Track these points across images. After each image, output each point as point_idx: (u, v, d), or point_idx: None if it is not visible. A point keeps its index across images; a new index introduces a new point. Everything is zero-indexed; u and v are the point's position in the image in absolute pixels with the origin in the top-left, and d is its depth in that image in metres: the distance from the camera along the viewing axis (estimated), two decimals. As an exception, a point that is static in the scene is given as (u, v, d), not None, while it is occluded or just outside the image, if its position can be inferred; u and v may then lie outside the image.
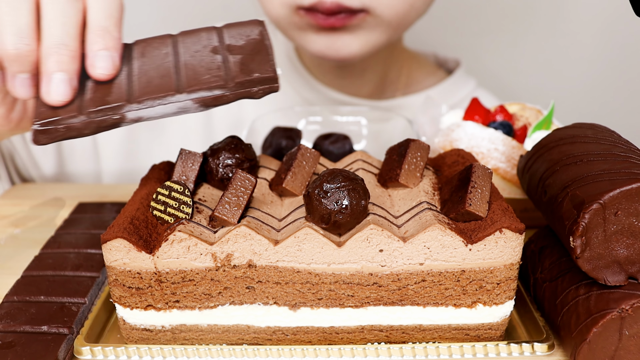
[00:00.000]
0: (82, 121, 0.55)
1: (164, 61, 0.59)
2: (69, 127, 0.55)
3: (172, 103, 0.56)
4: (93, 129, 0.56)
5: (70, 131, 0.56)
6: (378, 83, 1.12)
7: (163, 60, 0.59)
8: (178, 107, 0.56)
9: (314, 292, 0.56)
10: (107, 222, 0.79)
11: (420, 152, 0.63)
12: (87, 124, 0.56)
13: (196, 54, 0.60)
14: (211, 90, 0.56)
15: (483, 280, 0.56)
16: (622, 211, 0.52)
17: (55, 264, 0.68)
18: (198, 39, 0.62)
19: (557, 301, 0.57)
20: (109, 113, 0.56)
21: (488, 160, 0.78)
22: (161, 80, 0.57)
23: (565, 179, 0.57)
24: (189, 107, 0.56)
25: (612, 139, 0.61)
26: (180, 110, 0.56)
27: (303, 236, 0.54)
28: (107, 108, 0.55)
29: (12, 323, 0.59)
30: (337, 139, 0.84)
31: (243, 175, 0.57)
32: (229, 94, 0.57)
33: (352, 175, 0.55)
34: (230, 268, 0.56)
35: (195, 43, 0.61)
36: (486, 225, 0.55)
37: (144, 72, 0.58)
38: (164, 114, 0.57)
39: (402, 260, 0.55)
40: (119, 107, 0.56)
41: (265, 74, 0.57)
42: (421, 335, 0.59)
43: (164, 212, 0.57)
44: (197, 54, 0.60)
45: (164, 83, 0.57)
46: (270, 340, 0.59)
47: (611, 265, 0.53)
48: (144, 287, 0.56)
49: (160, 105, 0.56)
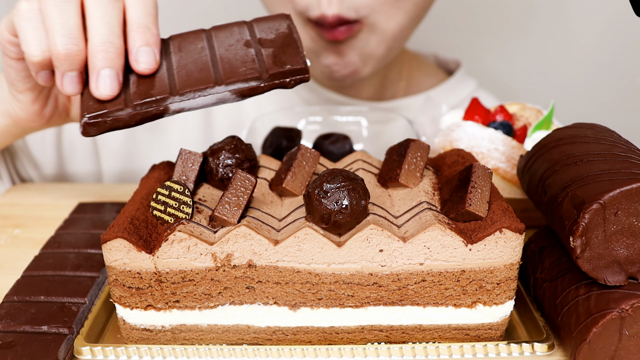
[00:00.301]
0: (128, 113, 0.59)
1: (201, 55, 0.63)
2: (116, 119, 0.59)
3: (211, 94, 0.60)
4: (138, 120, 0.60)
5: (117, 122, 0.59)
6: (378, 85, 1.12)
7: (200, 54, 0.63)
8: (217, 98, 0.60)
9: (314, 292, 0.57)
10: (107, 222, 0.79)
11: (420, 152, 0.63)
12: (132, 115, 0.59)
13: (230, 47, 0.64)
14: (247, 82, 0.60)
15: (483, 280, 0.56)
16: (622, 211, 0.52)
17: (55, 264, 0.68)
18: (231, 33, 0.65)
19: (557, 301, 0.57)
20: (154, 105, 0.59)
21: (488, 160, 0.78)
22: (200, 74, 0.61)
23: (565, 179, 0.57)
24: (227, 98, 0.61)
25: (612, 139, 0.61)
26: (218, 100, 0.61)
27: (303, 236, 0.54)
28: (151, 100, 0.59)
29: (12, 323, 0.59)
30: (337, 139, 0.84)
31: (243, 175, 0.57)
32: (263, 84, 0.61)
33: (352, 175, 0.55)
34: (230, 268, 0.56)
35: (228, 37, 0.65)
36: (486, 225, 0.55)
37: (183, 65, 0.62)
38: (204, 105, 0.60)
39: (402, 260, 0.55)
40: (162, 100, 0.60)
41: (297, 65, 0.61)
42: (421, 335, 0.59)
43: (164, 212, 0.57)
44: (232, 47, 0.63)
45: (203, 76, 0.61)
46: (270, 340, 0.59)
47: (611, 265, 0.53)
48: (144, 287, 0.56)
49: (201, 97, 0.60)
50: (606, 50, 1.51)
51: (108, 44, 0.60)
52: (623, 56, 1.51)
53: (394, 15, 0.93)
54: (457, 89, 1.14)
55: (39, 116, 0.74)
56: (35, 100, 0.73)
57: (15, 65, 0.68)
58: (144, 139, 1.10)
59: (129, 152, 1.10)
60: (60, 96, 0.76)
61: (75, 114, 0.78)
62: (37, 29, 0.61)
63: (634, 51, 1.49)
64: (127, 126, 0.60)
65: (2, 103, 0.76)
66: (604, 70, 1.53)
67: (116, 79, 0.60)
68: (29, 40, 0.61)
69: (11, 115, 0.76)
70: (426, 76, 1.17)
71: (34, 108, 0.74)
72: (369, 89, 1.11)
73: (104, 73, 0.59)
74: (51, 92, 0.75)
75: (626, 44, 1.49)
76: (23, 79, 0.70)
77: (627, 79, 1.53)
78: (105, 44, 0.60)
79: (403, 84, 1.14)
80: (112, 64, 0.60)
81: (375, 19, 0.92)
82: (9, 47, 0.66)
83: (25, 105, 0.73)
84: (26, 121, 0.76)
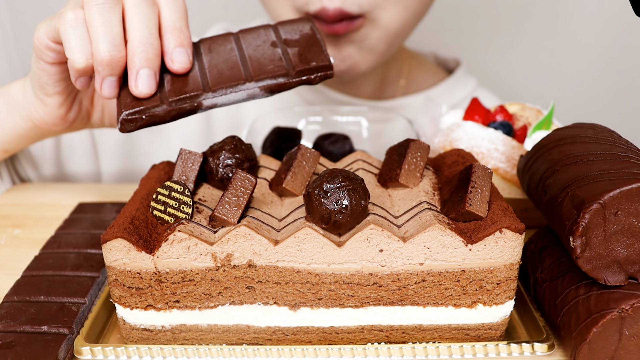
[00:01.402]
0: (164, 109, 0.62)
1: (231, 55, 0.67)
2: (152, 115, 0.62)
3: (242, 91, 0.64)
4: (173, 116, 0.63)
5: (153, 118, 0.63)
6: (378, 83, 1.12)
7: (229, 54, 0.67)
8: (247, 94, 0.64)
9: (314, 292, 0.57)
10: (107, 222, 0.79)
11: (420, 152, 0.63)
12: (168, 111, 0.63)
13: (258, 47, 0.67)
14: (276, 78, 0.64)
15: (483, 280, 0.56)
16: (622, 211, 0.52)
17: (55, 264, 0.68)
18: (257, 35, 0.69)
19: (557, 301, 0.57)
20: (188, 101, 0.63)
21: (488, 160, 0.78)
22: (231, 72, 0.65)
23: (565, 179, 0.57)
24: (256, 94, 0.64)
25: (612, 139, 0.61)
26: (248, 96, 0.64)
27: (303, 236, 0.54)
28: (186, 97, 0.63)
29: (12, 323, 0.59)
30: (337, 139, 0.84)
31: (243, 175, 0.57)
32: (291, 81, 0.65)
33: (352, 175, 0.55)
34: (230, 268, 0.56)
35: (255, 39, 0.69)
36: (486, 225, 0.55)
37: (214, 65, 0.66)
38: (234, 101, 0.64)
39: (402, 260, 0.55)
40: (196, 96, 0.63)
41: (321, 62, 0.65)
42: (421, 335, 0.59)
43: (164, 212, 0.57)
44: (259, 48, 0.67)
45: (234, 74, 0.64)
46: (270, 340, 0.59)
47: (611, 265, 0.53)
48: (144, 287, 0.56)
49: (232, 93, 0.63)
50: (606, 50, 1.51)
51: (148, 45, 0.63)
52: (623, 56, 1.51)
53: (396, 11, 0.92)
54: (458, 87, 1.14)
55: (63, 120, 0.77)
56: (62, 104, 0.75)
57: (49, 70, 0.71)
58: (144, 140, 1.10)
59: (129, 152, 1.10)
60: (84, 100, 0.79)
61: (96, 118, 0.81)
62: (82, 37, 0.64)
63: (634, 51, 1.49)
64: (162, 122, 0.63)
65: (25, 107, 0.78)
66: (604, 70, 1.53)
67: (154, 78, 0.63)
68: (73, 47, 0.64)
69: (34, 119, 0.77)
70: (426, 75, 1.17)
71: (59, 112, 0.76)
72: (368, 87, 1.11)
73: (143, 72, 0.63)
74: (77, 97, 0.77)
75: (626, 44, 1.49)
76: (54, 82, 0.72)
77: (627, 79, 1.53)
78: (145, 45, 0.63)
79: (403, 81, 1.14)
80: (151, 64, 0.63)
81: (378, 14, 0.91)
82: (46, 52, 0.69)
83: (51, 109, 0.75)
84: (49, 125, 0.77)
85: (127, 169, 1.11)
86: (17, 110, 0.79)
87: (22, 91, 0.78)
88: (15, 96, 0.79)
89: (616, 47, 1.51)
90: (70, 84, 0.74)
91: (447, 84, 1.14)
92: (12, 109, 0.79)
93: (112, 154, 1.10)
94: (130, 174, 1.11)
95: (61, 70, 0.71)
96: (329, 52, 0.96)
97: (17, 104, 0.79)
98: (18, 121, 0.79)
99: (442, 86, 1.14)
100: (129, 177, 1.11)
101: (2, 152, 0.86)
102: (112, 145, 1.09)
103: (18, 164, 1.03)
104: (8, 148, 0.85)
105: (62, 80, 0.72)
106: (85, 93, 0.78)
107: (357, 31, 0.93)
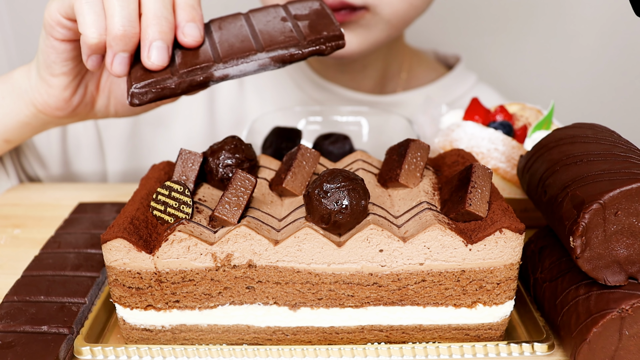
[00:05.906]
0: (175, 81, 0.62)
1: (241, 30, 0.68)
2: (163, 87, 0.62)
3: (253, 61, 0.64)
4: (184, 88, 0.63)
5: (164, 90, 0.62)
6: (379, 78, 1.12)
7: (240, 30, 0.68)
8: (258, 64, 0.64)
9: (314, 292, 0.57)
10: (107, 222, 0.79)
11: (420, 152, 0.63)
12: (178, 83, 0.63)
13: (268, 23, 0.68)
14: (287, 48, 0.64)
15: (483, 280, 0.56)
16: (622, 211, 0.52)
17: (55, 264, 0.68)
18: (267, 12, 0.70)
19: (557, 301, 0.57)
20: (199, 72, 0.63)
21: (488, 160, 0.78)
22: (242, 44, 0.65)
23: (565, 179, 0.57)
24: (267, 65, 0.64)
25: (612, 139, 0.61)
26: (260, 67, 0.64)
27: (303, 236, 0.54)
28: (197, 68, 0.63)
29: (12, 323, 0.59)
30: (337, 139, 0.84)
31: (243, 175, 0.57)
32: (302, 51, 0.65)
33: (352, 175, 0.55)
34: (230, 268, 0.56)
35: (265, 16, 0.69)
36: (486, 225, 0.55)
37: (225, 39, 0.67)
38: (245, 72, 0.64)
39: (402, 260, 0.55)
40: (207, 67, 0.63)
41: (332, 32, 0.66)
42: (421, 335, 0.59)
43: (164, 212, 0.57)
44: (269, 23, 0.68)
45: (245, 45, 0.65)
46: (270, 340, 0.59)
47: (611, 265, 0.53)
48: (144, 287, 0.56)
49: (244, 64, 0.64)
50: (606, 50, 1.51)
51: (162, 18, 0.64)
52: (623, 56, 1.51)
53: (399, 4, 0.92)
54: (458, 82, 1.14)
55: (67, 103, 0.76)
56: (67, 86, 0.74)
57: (58, 47, 0.70)
58: (148, 137, 1.10)
59: (134, 151, 1.11)
60: (90, 85, 0.78)
61: (101, 105, 0.80)
62: (97, 13, 0.64)
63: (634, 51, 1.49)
64: (173, 94, 0.63)
65: (28, 92, 0.77)
66: (604, 70, 1.53)
67: (166, 51, 0.64)
68: (87, 22, 0.64)
69: (37, 103, 0.77)
70: (427, 70, 1.17)
71: (64, 95, 0.75)
72: (369, 81, 1.12)
73: (156, 44, 0.63)
74: (82, 80, 0.77)
75: (626, 44, 1.49)
76: (62, 61, 0.72)
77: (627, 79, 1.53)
78: (159, 18, 0.64)
79: (404, 75, 1.14)
80: (164, 36, 0.64)
81: (380, 7, 0.91)
82: (57, 28, 0.68)
83: (56, 91, 0.74)
84: (52, 109, 0.76)
85: (132, 167, 1.11)
86: (19, 95, 0.78)
87: (27, 75, 0.77)
88: (19, 80, 0.78)
89: (616, 47, 1.50)
90: (77, 64, 0.73)
91: (447, 79, 1.14)
92: (14, 94, 0.78)
93: (118, 152, 1.10)
94: (135, 172, 1.11)
95: (70, 49, 0.71)
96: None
97: (20, 89, 0.78)
98: (21, 106, 0.78)
99: (442, 81, 1.14)
100: (134, 172, 1.12)
101: (4, 141, 0.85)
102: (118, 140, 1.09)
103: (25, 161, 1.03)
104: (9, 137, 0.84)
105: (70, 60, 0.72)
106: (91, 77, 0.77)
107: (357, 21, 0.92)
